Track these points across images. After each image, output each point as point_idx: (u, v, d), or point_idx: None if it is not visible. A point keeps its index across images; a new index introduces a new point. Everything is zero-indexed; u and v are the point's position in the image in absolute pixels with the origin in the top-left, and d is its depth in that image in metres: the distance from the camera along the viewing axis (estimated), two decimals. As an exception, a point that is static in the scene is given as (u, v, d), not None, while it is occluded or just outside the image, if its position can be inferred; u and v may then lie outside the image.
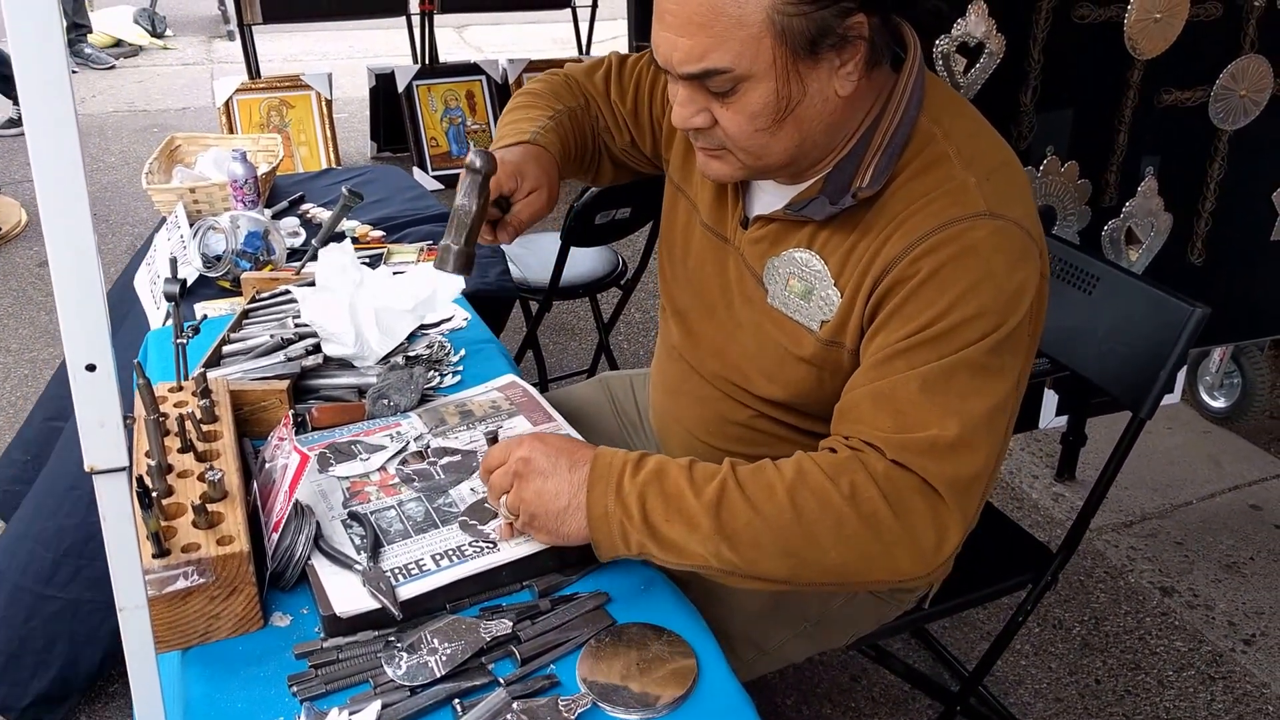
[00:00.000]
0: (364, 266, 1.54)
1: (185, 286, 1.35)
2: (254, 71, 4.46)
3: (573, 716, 0.90)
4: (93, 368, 0.76)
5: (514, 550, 1.07)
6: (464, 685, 0.93)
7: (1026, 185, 1.07)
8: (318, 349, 1.41)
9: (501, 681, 0.93)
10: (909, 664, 2.07)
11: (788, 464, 1.00)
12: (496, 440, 1.13)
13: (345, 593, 1.00)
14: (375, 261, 1.98)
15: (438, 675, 0.93)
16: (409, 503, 1.15)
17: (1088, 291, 1.63)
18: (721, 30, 0.94)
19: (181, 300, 1.32)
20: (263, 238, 1.92)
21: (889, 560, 0.97)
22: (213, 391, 1.22)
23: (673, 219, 1.32)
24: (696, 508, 0.98)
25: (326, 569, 1.03)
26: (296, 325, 1.48)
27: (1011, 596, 1.64)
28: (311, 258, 1.91)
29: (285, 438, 1.11)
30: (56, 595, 1.80)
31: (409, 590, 1.01)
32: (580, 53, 5.20)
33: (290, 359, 1.39)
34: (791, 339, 1.13)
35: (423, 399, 1.37)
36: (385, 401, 1.33)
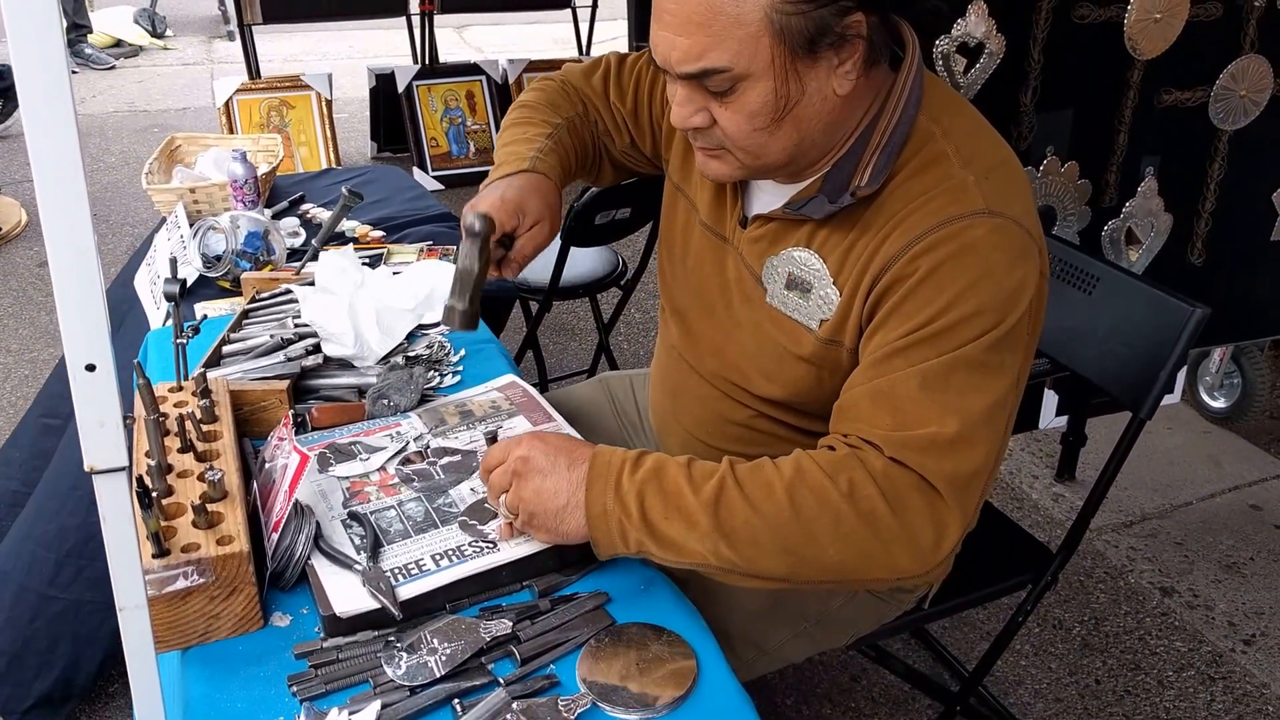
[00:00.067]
0: (364, 267, 1.55)
1: (185, 286, 1.35)
2: (254, 72, 4.46)
3: (572, 716, 0.90)
4: (92, 368, 0.76)
5: (514, 550, 1.07)
6: (464, 685, 0.93)
7: (1026, 184, 1.07)
8: (318, 349, 1.41)
9: (501, 681, 0.93)
10: (909, 664, 2.07)
11: (786, 462, 1.00)
12: (496, 440, 1.13)
13: (345, 593, 1.00)
14: (375, 261, 1.98)
15: (437, 675, 0.93)
16: (409, 503, 1.15)
17: (1088, 292, 1.63)
18: (720, 29, 0.95)
19: (181, 300, 1.33)
20: (263, 238, 1.92)
21: (888, 558, 0.97)
22: (213, 391, 1.22)
23: (672, 219, 1.32)
24: (695, 505, 0.98)
25: (326, 569, 1.03)
26: (296, 325, 1.48)
27: (1011, 596, 1.64)
28: (311, 258, 1.91)
29: (285, 438, 1.11)
30: (59, 596, 1.80)
31: (409, 590, 1.01)
32: (580, 53, 5.20)
33: (290, 359, 1.39)
34: (790, 338, 1.13)
35: (423, 399, 1.37)
36: (385, 401, 1.33)
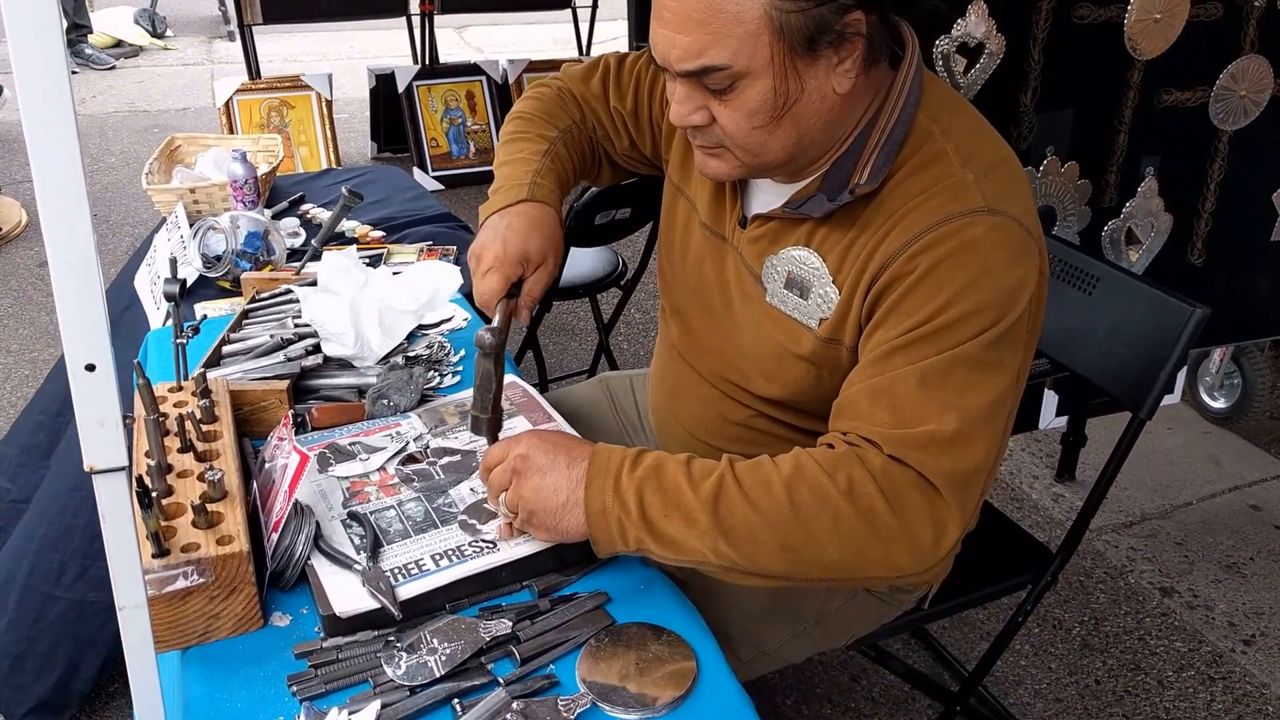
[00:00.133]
0: (367, 268, 1.55)
1: (185, 286, 1.35)
2: (254, 72, 4.46)
3: (572, 716, 0.90)
4: (92, 367, 0.76)
5: (513, 550, 1.07)
6: (463, 685, 0.93)
7: (1025, 182, 1.07)
8: (318, 349, 1.41)
9: (501, 681, 0.93)
10: (909, 664, 2.07)
11: (785, 459, 1.00)
12: (496, 440, 1.13)
13: (345, 592, 1.00)
14: (375, 262, 1.98)
15: (437, 675, 0.93)
16: (408, 503, 1.15)
17: (1088, 292, 1.63)
18: (719, 27, 0.95)
19: (181, 300, 1.33)
20: (263, 238, 1.92)
21: (887, 556, 0.97)
22: (213, 391, 1.22)
23: (672, 219, 1.32)
24: (694, 503, 0.98)
25: (326, 569, 1.03)
26: (296, 325, 1.48)
27: (1011, 597, 1.64)
28: (312, 258, 1.91)
29: (285, 438, 1.11)
30: (63, 596, 1.80)
31: (408, 590, 1.01)
32: (580, 53, 5.20)
33: (290, 359, 1.39)
34: (790, 337, 1.13)
35: (422, 399, 1.37)
36: (385, 401, 1.33)
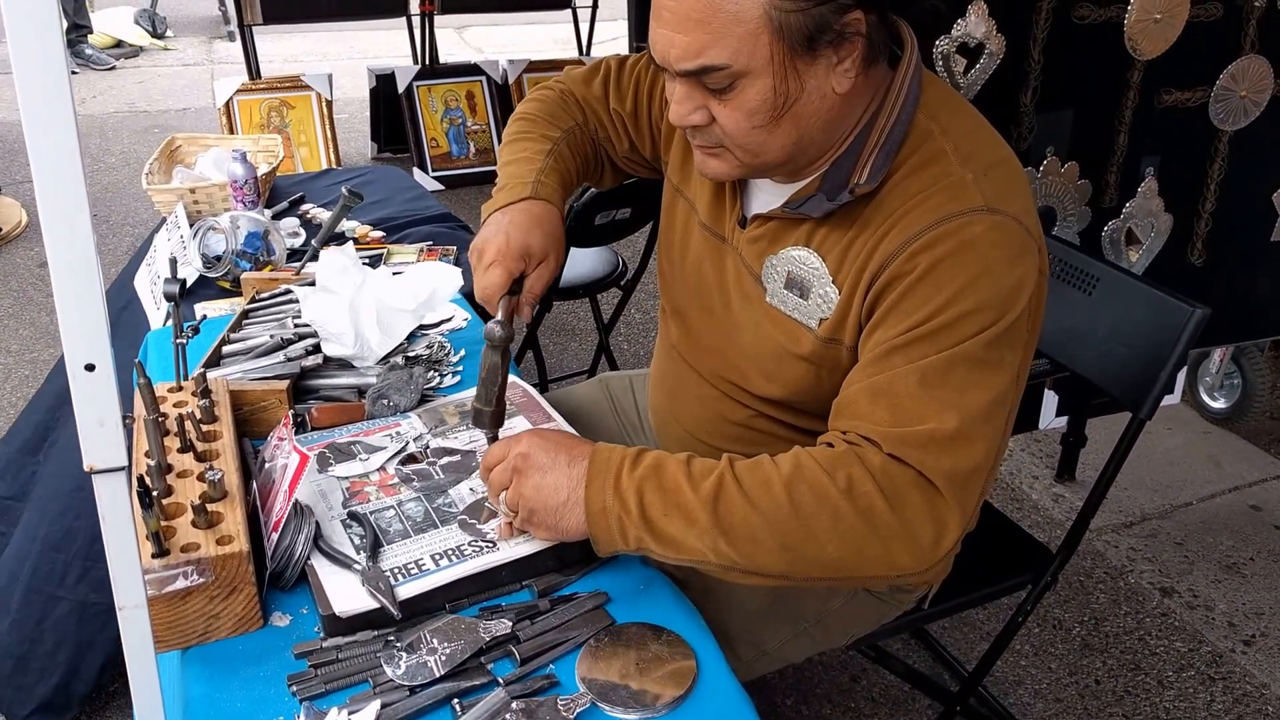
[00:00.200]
0: (365, 267, 1.55)
1: (185, 286, 1.35)
2: (254, 72, 4.46)
3: (572, 716, 0.90)
4: (92, 367, 0.76)
5: (513, 550, 1.07)
6: (463, 685, 0.93)
7: (1025, 182, 1.07)
8: (318, 349, 1.41)
9: (501, 681, 0.93)
10: (909, 664, 2.07)
11: (785, 458, 1.00)
12: (496, 439, 1.13)
13: (345, 592, 1.00)
14: (375, 262, 1.98)
15: (437, 675, 0.93)
16: (408, 503, 1.15)
17: (1088, 292, 1.63)
18: (719, 26, 0.95)
19: (181, 300, 1.33)
20: (263, 238, 1.93)
21: (887, 555, 0.97)
22: (212, 391, 1.22)
23: (671, 219, 1.32)
24: (694, 502, 0.98)
25: (326, 569, 1.03)
26: (296, 325, 1.48)
27: (1011, 597, 1.64)
28: (311, 258, 1.91)
29: (285, 438, 1.11)
30: (66, 597, 1.80)
31: (408, 590, 1.01)
32: (580, 53, 5.20)
33: (290, 359, 1.39)
34: (790, 337, 1.13)
35: (422, 399, 1.37)
36: (385, 401, 1.33)
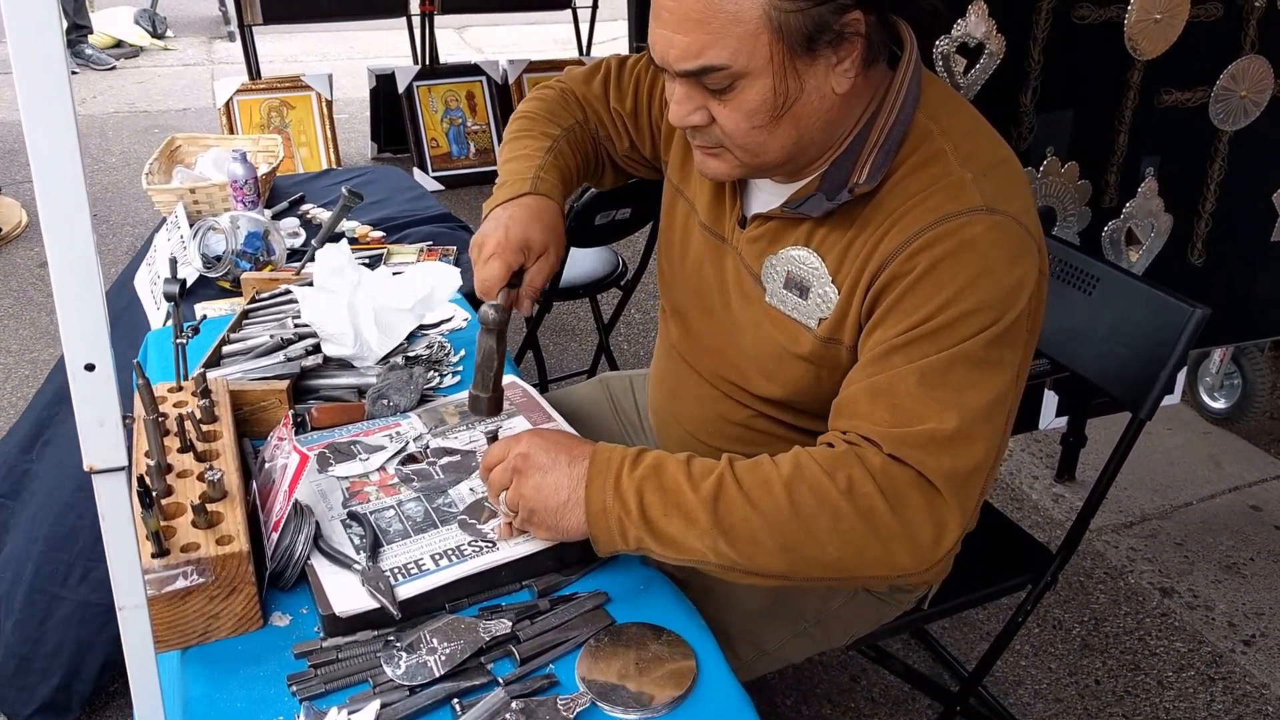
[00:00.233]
0: (361, 267, 1.55)
1: (185, 287, 1.35)
2: (254, 72, 4.46)
3: (571, 716, 0.90)
4: (92, 367, 0.76)
5: (513, 550, 1.07)
6: (463, 685, 0.93)
7: (1024, 181, 1.07)
8: (317, 349, 1.41)
9: (500, 681, 0.93)
10: (909, 664, 2.07)
11: (785, 459, 1.00)
12: (496, 439, 1.13)
13: (344, 592, 1.00)
14: (375, 262, 1.98)
15: (437, 675, 0.93)
16: (408, 503, 1.15)
17: (1088, 292, 1.63)
18: (718, 26, 0.95)
19: (181, 300, 1.33)
20: (262, 238, 1.93)
21: (887, 555, 0.97)
22: (212, 391, 1.22)
23: (671, 219, 1.32)
24: (694, 503, 0.98)
25: (326, 569, 1.03)
26: (296, 325, 1.48)
27: (1011, 597, 1.64)
28: (311, 258, 1.91)
29: (285, 438, 1.11)
30: (69, 597, 1.80)
31: (408, 590, 1.01)
32: (581, 53, 5.20)
33: (290, 359, 1.39)
34: (790, 337, 1.13)
35: (422, 399, 1.37)
36: (385, 401, 1.33)
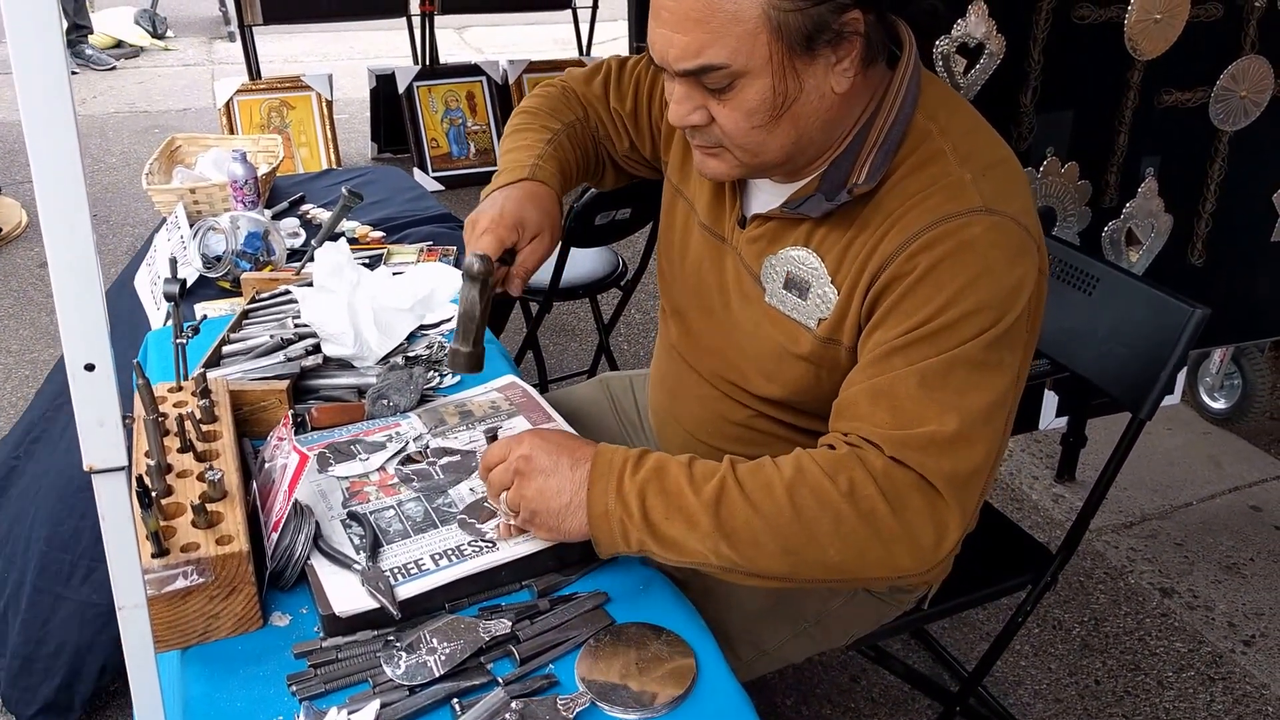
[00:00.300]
0: (360, 266, 1.55)
1: (185, 287, 1.35)
2: (254, 72, 4.46)
3: (571, 715, 0.90)
4: (91, 367, 0.76)
5: (513, 550, 1.07)
6: (463, 685, 0.93)
7: (1024, 181, 1.07)
8: (317, 349, 1.42)
9: (500, 681, 0.93)
10: (908, 664, 2.07)
11: (787, 461, 1.00)
12: (496, 438, 1.13)
13: (344, 592, 1.00)
14: (375, 262, 1.98)
15: (436, 675, 0.93)
16: (408, 503, 1.15)
17: (1088, 292, 1.62)
18: (718, 26, 0.95)
19: (181, 300, 1.33)
20: (262, 238, 1.93)
21: (888, 557, 0.97)
22: (212, 391, 1.22)
23: (671, 219, 1.32)
24: (696, 506, 0.98)
25: (326, 569, 1.03)
26: (296, 325, 1.48)
27: (1011, 597, 1.64)
28: (311, 258, 1.91)
29: (285, 438, 1.11)
30: (71, 597, 1.81)
31: (408, 590, 1.01)
32: (581, 53, 5.20)
33: (290, 359, 1.39)
34: (789, 337, 1.13)
35: (422, 399, 1.37)
36: (385, 402, 1.34)
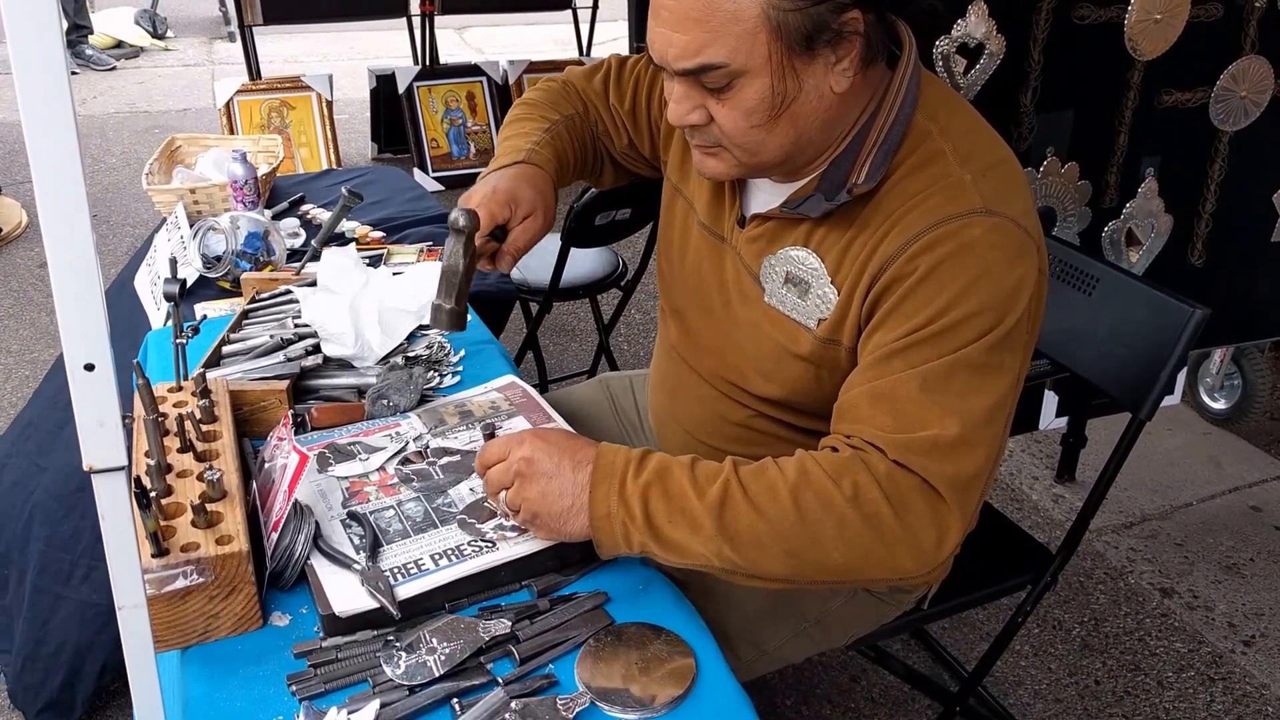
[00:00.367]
0: (368, 267, 1.55)
1: (185, 287, 1.35)
2: (255, 73, 4.46)
3: (571, 715, 0.90)
4: (91, 367, 0.76)
5: (513, 549, 1.07)
6: (462, 685, 0.93)
7: (1024, 182, 1.07)
8: (317, 349, 1.42)
9: (500, 681, 0.93)
10: (908, 665, 2.07)
11: (790, 464, 1.00)
12: (493, 435, 1.13)
13: (344, 592, 1.00)
14: (375, 262, 1.98)
15: (436, 675, 0.93)
16: (408, 503, 1.15)
17: (1088, 293, 1.62)
18: (717, 25, 0.95)
19: (181, 300, 1.33)
20: (263, 238, 1.93)
21: (890, 559, 0.97)
22: (212, 391, 1.22)
23: (670, 219, 1.32)
24: (699, 509, 0.98)
25: (325, 569, 1.03)
26: (296, 325, 1.48)
27: (1011, 597, 1.64)
28: (311, 258, 1.91)
29: (285, 438, 1.11)
30: (70, 596, 1.81)
31: (407, 590, 1.01)
32: (581, 54, 5.20)
33: (290, 359, 1.39)
34: (789, 337, 1.13)
35: (422, 399, 1.37)
36: (385, 402, 1.34)
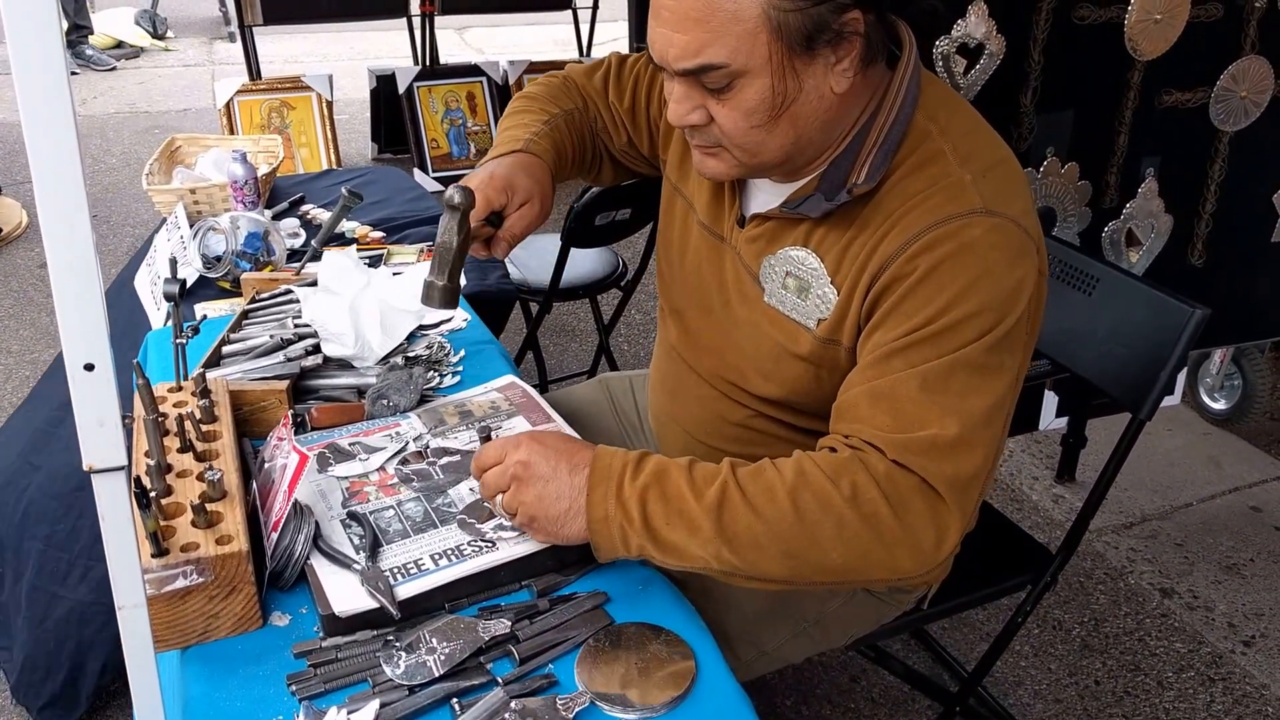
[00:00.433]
0: (368, 268, 1.55)
1: (185, 287, 1.35)
2: (255, 73, 4.46)
3: (570, 715, 0.90)
4: (91, 367, 0.76)
5: (512, 550, 1.07)
6: (462, 684, 0.93)
7: (1024, 182, 1.07)
8: (317, 349, 1.42)
9: (500, 681, 0.93)
10: (908, 665, 2.07)
11: (788, 465, 1.00)
12: (490, 438, 1.13)
13: (344, 592, 1.00)
14: (375, 262, 1.98)
15: (436, 674, 0.93)
16: (408, 503, 1.15)
17: (1088, 293, 1.63)
18: (718, 25, 0.95)
19: (181, 300, 1.33)
20: (263, 238, 1.93)
21: (890, 560, 0.97)
22: (212, 391, 1.22)
23: (670, 219, 1.32)
24: (697, 511, 0.98)
25: (325, 569, 1.03)
26: (296, 325, 1.48)
27: (1011, 597, 1.64)
28: (311, 258, 1.91)
29: (284, 438, 1.11)
30: (68, 596, 1.81)
31: (407, 590, 1.01)
32: (581, 54, 5.20)
33: (290, 359, 1.39)
34: (788, 337, 1.13)
35: (422, 399, 1.37)
36: (385, 402, 1.34)
